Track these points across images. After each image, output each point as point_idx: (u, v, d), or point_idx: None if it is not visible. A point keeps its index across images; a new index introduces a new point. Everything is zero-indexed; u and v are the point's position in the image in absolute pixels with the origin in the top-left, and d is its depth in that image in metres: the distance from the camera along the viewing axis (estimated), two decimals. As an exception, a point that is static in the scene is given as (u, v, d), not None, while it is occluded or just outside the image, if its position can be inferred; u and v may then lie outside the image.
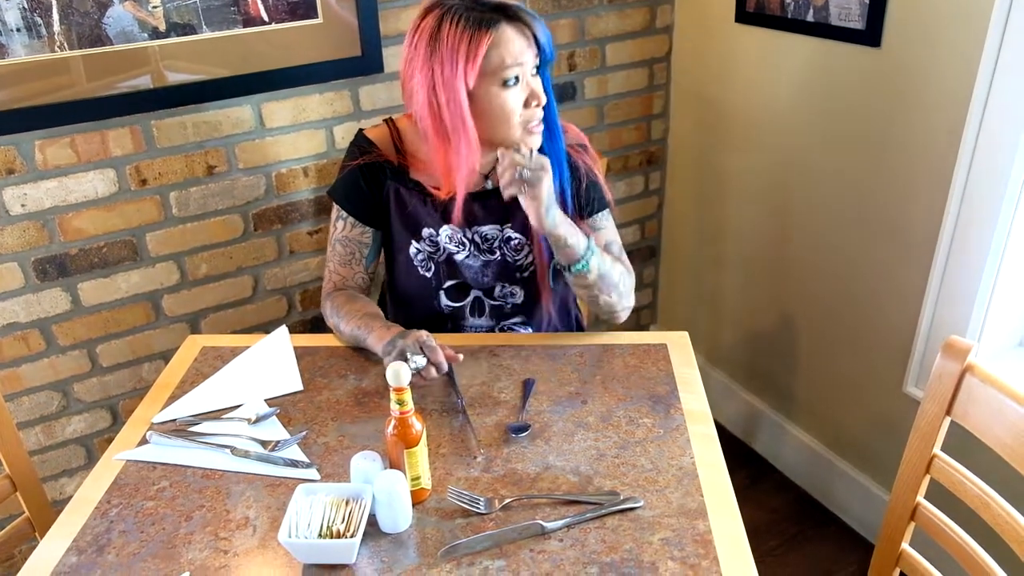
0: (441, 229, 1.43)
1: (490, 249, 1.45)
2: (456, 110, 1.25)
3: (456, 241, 1.44)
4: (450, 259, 1.46)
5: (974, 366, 1.12)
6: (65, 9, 1.53)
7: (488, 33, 1.22)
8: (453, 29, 1.22)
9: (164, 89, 1.67)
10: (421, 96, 1.27)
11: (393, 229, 1.46)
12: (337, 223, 1.48)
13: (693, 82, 2.25)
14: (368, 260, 1.49)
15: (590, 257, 1.32)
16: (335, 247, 1.48)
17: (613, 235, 1.47)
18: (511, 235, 1.44)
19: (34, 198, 1.64)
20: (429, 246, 1.45)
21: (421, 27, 1.26)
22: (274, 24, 1.72)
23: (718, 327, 2.43)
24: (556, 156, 1.37)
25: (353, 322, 1.38)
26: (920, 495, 1.22)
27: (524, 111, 1.29)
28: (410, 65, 1.28)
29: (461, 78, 1.23)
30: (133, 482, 1.14)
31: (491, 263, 1.46)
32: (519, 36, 1.25)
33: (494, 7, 1.25)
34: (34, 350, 1.76)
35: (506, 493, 1.09)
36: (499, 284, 1.48)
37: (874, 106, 1.75)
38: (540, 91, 1.30)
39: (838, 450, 2.12)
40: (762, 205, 2.13)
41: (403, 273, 1.49)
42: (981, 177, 1.56)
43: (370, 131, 1.47)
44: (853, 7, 1.71)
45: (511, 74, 1.26)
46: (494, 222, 1.43)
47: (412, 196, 1.43)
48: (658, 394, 1.28)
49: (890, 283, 1.83)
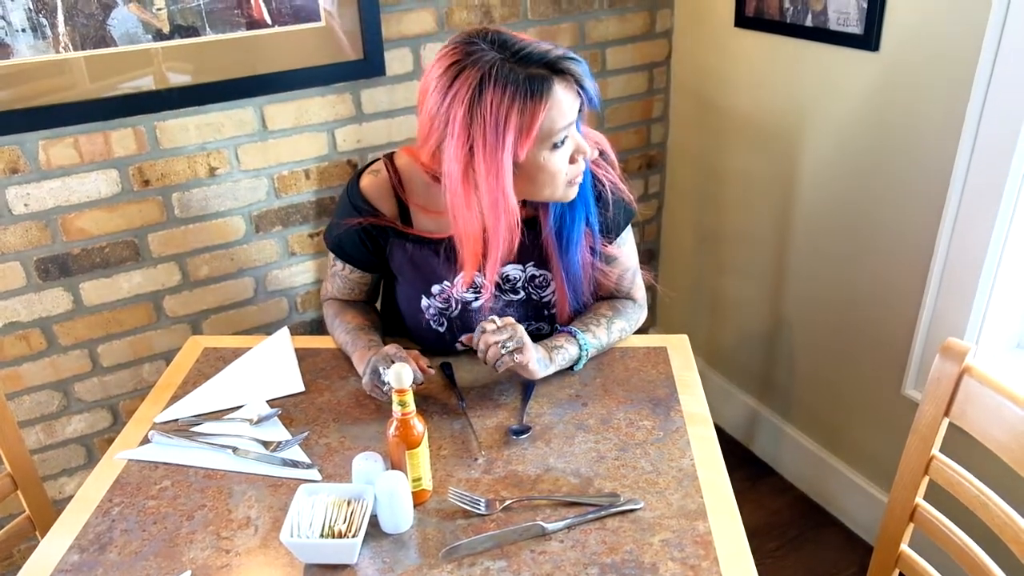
0: (456, 278, 1.33)
1: (513, 289, 1.36)
2: (499, 185, 1.11)
3: (475, 287, 1.34)
4: (464, 312, 1.36)
5: (972, 368, 1.12)
6: (70, 10, 1.53)
7: (543, 102, 1.08)
8: (499, 97, 1.07)
9: (167, 90, 1.68)
10: (455, 167, 1.12)
11: (402, 282, 1.38)
12: (336, 262, 1.41)
13: (693, 86, 2.26)
14: (369, 292, 1.47)
15: (586, 354, 1.33)
16: (335, 279, 1.44)
17: (630, 260, 1.41)
18: (534, 273, 1.35)
19: (37, 198, 1.65)
20: (441, 302, 1.36)
21: (456, 89, 1.08)
22: (277, 27, 1.73)
23: (717, 330, 2.44)
24: (583, 193, 1.27)
25: (344, 335, 1.38)
26: (919, 496, 1.22)
27: (570, 168, 1.18)
28: (437, 121, 1.12)
29: (510, 152, 1.09)
30: (135, 481, 1.15)
31: (515, 303, 1.37)
32: (568, 92, 1.12)
33: (541, 61, 1.09)
34: (35, 349, 1.76)
35: (507, 494, 1.10)
36: (527, 322, 1.39)
37: (872, 110, 1.76)
38: (583, 143, 1.18)
39: (837, 452, 2.13)
40: (761, 208, 2.14)
41: (413, 322, 1.40)
42: (979, 180, 1.57)
43: (367, 183, 1.32)
44: (851, 12, 1.72)
45: (562, 136, 1.14)
46: (515, 262, 1.33)
47: (419, 251, 1.32)
48: (658, 397, 1.29)
49: (889, 285, 1.84)
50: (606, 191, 1.32)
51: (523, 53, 1.10)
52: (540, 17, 2.03)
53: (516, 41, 1.11)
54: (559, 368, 1.31)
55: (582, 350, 1.32)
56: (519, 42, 1.11)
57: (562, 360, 1.31)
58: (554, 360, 1.29)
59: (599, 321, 1.38)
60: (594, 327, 1.36)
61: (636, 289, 1.45)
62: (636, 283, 1.45)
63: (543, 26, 2.06)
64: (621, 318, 1.40)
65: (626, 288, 1.44)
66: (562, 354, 1.31)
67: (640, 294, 1.46)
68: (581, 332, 1.33)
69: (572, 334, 1.33)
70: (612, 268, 1.38)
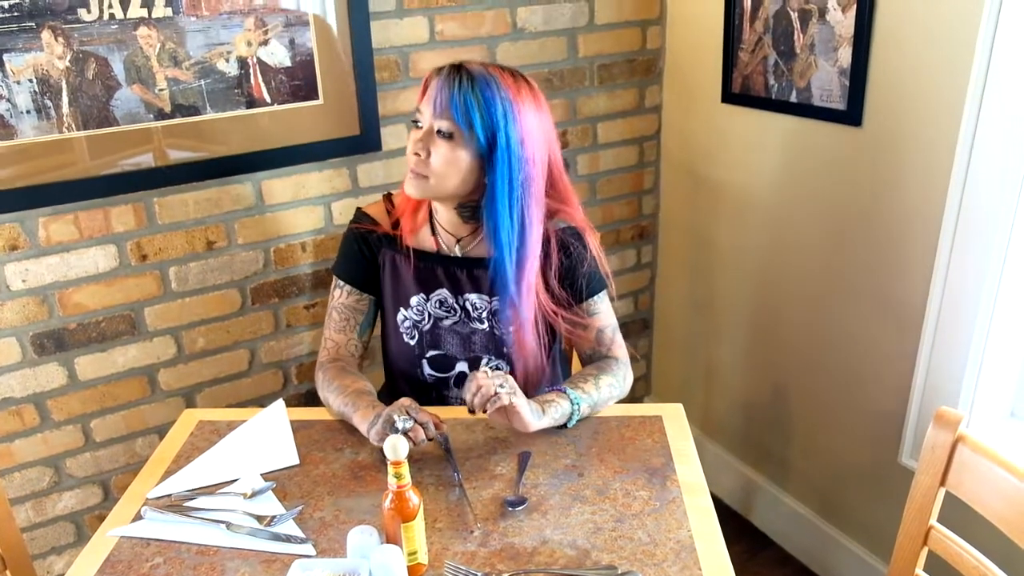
0: (433, 294, 1.46)
1: (479, 318, 1.47)
2: None
3: (447, 307, 1.47)
4: (435, 329, 1.48)
5: (966, 436, 1.13)
6: (75, 92, 1.58)
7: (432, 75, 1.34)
8: None
9: (167, 167, 1.71)
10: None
11: (384, 295, 1.50)
12: (335, 291, 1.51)
13: (682, 159, 2.31)
14: (363, 327, 1.51)
15: (578, 408, 1.35)
16: (331, 315, 1.51)
17: (607, 319, 1.48)
18: (498, 309, 1.45)
19: (35, 273, 1.66)
20: (416, 314, 1.48)
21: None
22: (276, 105, 1.77)
23: (712, 398, 2.44)
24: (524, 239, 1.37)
25: (342, 398, 1.39)
26: (919, 567, 1.21)
27: (411, 153, 1.37)
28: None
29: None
30: (127, 559, 1.13)
31: (479, 332, 1.48)
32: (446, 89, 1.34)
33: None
34: (28, 425, 1.75)
35: (503, 567, 1.08)
36: (486, 356, 1.49)
37: (858, 183, 1.80)
38: (429, 144, 1.36)
39: (836, 522, 2.11)
40: (753, 278, 2.17)
41: (391, 340, 1.53)
42: (965, 249, 1.59)
43: (367, 208, 1.53)
44: (835, 88, 1.78)
45: (416, 115, 1.37)
46: (482, 292, 1.45)
47: (406, 263, 1.46)
48: (654, 466, 1.28)
49: (881, 354, 1.85)
50: (572, 253, 1.43)
51: None
52: (532, 94, 2.09)
53: None
54: (552, 422, 1.33)
55: (573, 404, 1.34)
56: None
57: (555, 414, 1.32)
58: (547, 413, 1.31)
59: (586, 379, 1.41)
60: (582, 384, 1.39)
61: (617, 347, 1.49)
62: (616, 341, 1.49)
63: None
64: (607, 374, 1.43)
65: (606, 346, 1.48)
66: (555, 408, 1.32)
67: (622, 353, 1.49)
68: (571, 388, 1.37)
69: (562, 391, 1.36)
70: (590, 321, 1.46)
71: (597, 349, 1.48)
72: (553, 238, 1.42)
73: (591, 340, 1.48)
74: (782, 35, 1.87)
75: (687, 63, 2.20)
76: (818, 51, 1.79)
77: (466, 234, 1.44)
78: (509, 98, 1.30)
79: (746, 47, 1.98)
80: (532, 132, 1.32)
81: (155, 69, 1.64)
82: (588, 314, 1.46)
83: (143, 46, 1.62)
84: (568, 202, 1.44)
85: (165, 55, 1.64)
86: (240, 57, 1.71)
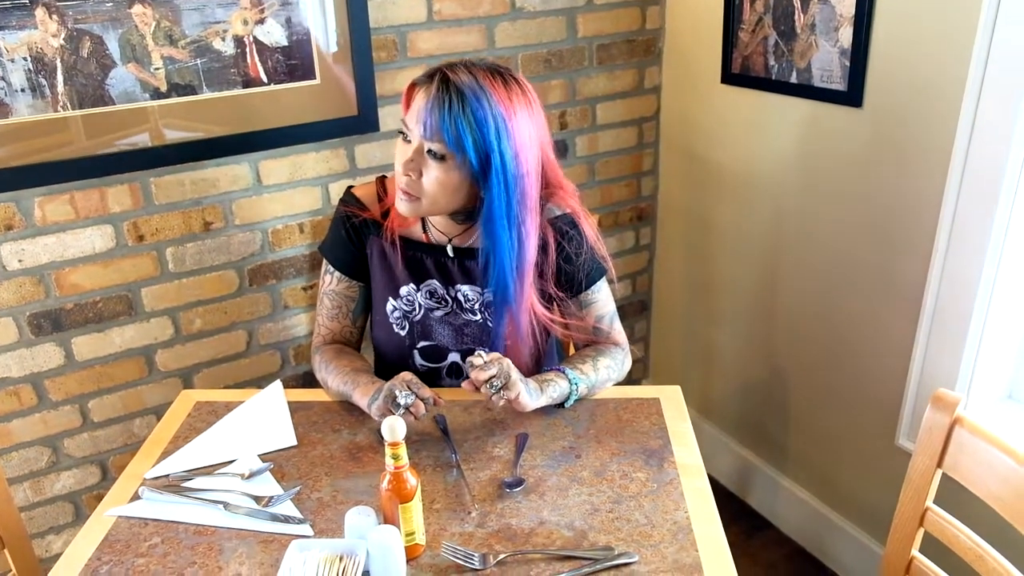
0: (423, 284, 1.43)
1: (472, 310, 1.44)
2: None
3: (438, 297, 1.43)
4: (426, 320, 1.45)
5: (963, 419, 1.13)
6: (69, 71, 1.56)
7: (416, 86, 1.29)
8: None
9: (163, 147, 1.70)
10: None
11: (374, 284, 1.47)
12: (325, 276, 1.49)
13: (681, 140, 2.30)
14: (355, 314, 1.50)
15: (576, 387, 1.36)
16: (323, 300, 1.49)
17: (605, 307, 1.46)
18: (491, 302, 1.40)
19: (31, 253, 1.66)
20: (406, 304, 1.45)
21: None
22: (273, 85, 1.76)
23: (710, 380, 2.44)
24: (520, 239, 1.32)
25: (340, 377, 1.39)
26: (915, 548, 1.22)
27: (400, 173, 1.32)
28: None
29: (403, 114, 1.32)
30: (124, 538, 1.13)
31: (471, 324, 1.45)
32: (431, 100, 1.29)
33: (440, 67, 1.31)
34: (26, 405, 1.75)
35: (501, 548, 1.09)
36: (479, 348, 1.44)
37: (858, 163, 1.79)
38: (419, 163, 1.32)
39: (833, 504, 2.11)
40: (751, 259, 2.16)
41: (380, 329, 1.50)
42: (965, 231, 1.59)
43: (357, 188, 1.48)
44: (835, 69, 1.77)
45: (403, 126, 1.32)
46: (474, 283, 1.42)
47: (395, 252, 1.42)
48: (651, 448, 1.28)
49: (879, 335, 1.85)
50: (566, 248, 1.38)
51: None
52: (532, 74, 2.08)
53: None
54: (550, 401, 1.33)
55: (571, 384, 1.35)
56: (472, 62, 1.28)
57: (553, 392, 1.32)
58: (544, 391, 1.31)
59: (584, 360, 1.41)
60: (580, 365, 1.39)
61: (616, 333, 1.48)
62: (615, 328, 1.48)
63: (535, 83, 2.09)
64: (605, 356, 1.43)
65: (604, 332, 1.47)
66: (552, 387, 1.33)
67: (621, 339, 1.48)
68: (569, 369, 1.37)
69: (560, 371, 1.36)
70: (588, 311, 1.44)
71: (596, 333, 1.46)
72: (548, 232, 1.37)
73: (588, 335, 1.46)
74: (782, 15, 1.86)
75: (687, 43, 2.19)
76: (819, 31, 1.78)
77: (459, 233, 1.40)
78: (502, 113, 1.23)
79: (746, 27, 1.97)
80: (526, 144, 1.26)
81: (150, 48, 1.62)
82: (586, 303, 1.44)
83: (138, 24, 1.60)
84: (561, 185, 1.39)
85: (160, 33, 1.62)
86: (236, 36, 1.69)
